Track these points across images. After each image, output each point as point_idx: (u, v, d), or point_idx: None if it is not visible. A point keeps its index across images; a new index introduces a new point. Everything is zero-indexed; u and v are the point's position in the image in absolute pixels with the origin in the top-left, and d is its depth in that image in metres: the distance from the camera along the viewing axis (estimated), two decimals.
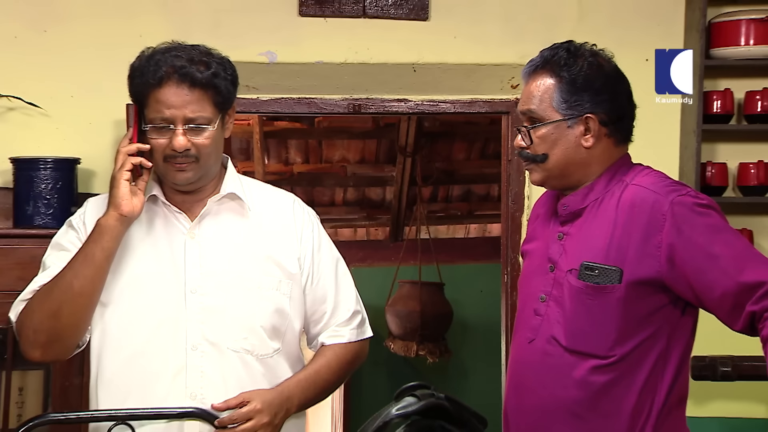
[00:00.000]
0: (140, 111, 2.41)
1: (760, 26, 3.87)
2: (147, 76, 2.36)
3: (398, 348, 7.21)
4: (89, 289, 2.38)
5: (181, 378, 2.41)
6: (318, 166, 7.59)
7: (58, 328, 2.38)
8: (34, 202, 3.56)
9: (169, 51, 2.39)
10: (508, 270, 4.11)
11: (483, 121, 7.02)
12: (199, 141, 2.38)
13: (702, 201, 2.32)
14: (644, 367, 2.33)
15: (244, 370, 2.44)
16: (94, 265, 2.36)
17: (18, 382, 3.61)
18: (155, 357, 2.42)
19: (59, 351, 2.45)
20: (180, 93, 2.35)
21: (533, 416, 2.43)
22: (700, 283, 2.26)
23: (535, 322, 2.44)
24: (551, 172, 2.44)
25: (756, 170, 3.97)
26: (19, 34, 3.77)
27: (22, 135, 3.73)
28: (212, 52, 2.44)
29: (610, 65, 2.45)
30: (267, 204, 2.57)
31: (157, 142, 2.38)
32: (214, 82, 2.37)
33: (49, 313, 2.37)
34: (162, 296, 2.44)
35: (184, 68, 2.35)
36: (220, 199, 2.50)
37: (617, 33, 3.85)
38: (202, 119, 2.37)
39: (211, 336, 2.43)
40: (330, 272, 2.57)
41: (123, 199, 2.37)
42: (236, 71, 2.48)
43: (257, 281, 2.47)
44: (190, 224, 2.48)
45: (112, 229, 2.37)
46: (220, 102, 2.40)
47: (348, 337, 2.56)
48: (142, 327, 2.43)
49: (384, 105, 4.09)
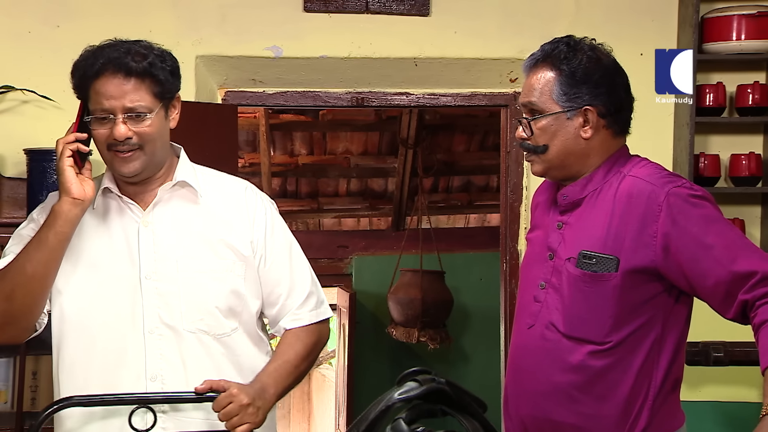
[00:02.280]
0: (85, 105, 2.40)
1: (752, 22, 3.88)
2: (85, 69, 2.37)
3: (400, 334, 7.21)
4: (41, 272, 2.39)
5: (140, 361, 2.44)
6: (322, 157, 7.58)
7: (11, 310, 2.40)
8: (47, 192, 3.46)
9: (109, 46, 2.40)
10: (507, 258, 4.13)
11: (482, 113, 7.02)
12: (140, 129, 2.37)
13: (696, 192, 2.35)
14: (640, 353, 2.35)
15: (202, 349, 2.47)
16: (47, 249, 2.37)
17: (31, 367, 3.63)
18: (114, 342, 2.44)
19: (13, 333, 2.48)
20: (117, 83, 2.34)
21: (532, 399, 2.46)
22: (693, 272, 2.29)
23: (535, 309, 2.47)
24: (551, 162, 2.45)
25: (747, 161, 3.98)
26: (32, 29, 3.81)
27: (36, 127, 3.76)
28: (153, 46, 2.44)
29: (609, 59, 2.46)
30: (218, 190, 2.57)
31: (99, 133, 2.38)
32: (151, 71, 2.37)
33: (2, 296, 2.38)
34: (118, 283, 2.46)
35: (120, 59, 2.34)
36: (171, 186, 2.50)
37: (613, 28, 3.88)
38: (141, 108, 2.36)
39: (167, 319, 2.45)
40: (284, 255, 2.58)
41: (70, 183, 2.37)
42: (177, 63, 2.47)
43: (210, 264, 2.48)
44: (143, 213, 2.49)
45: (66, 213, 2.37)
46: (159, 91, 2.39)
47: (308, 319, 2.58)
48: (100, 313, 2.45)
49: (386, 98, 4.12)
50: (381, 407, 1.73)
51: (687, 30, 3.90)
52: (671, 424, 2.43)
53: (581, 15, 3.97)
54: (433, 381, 1.75)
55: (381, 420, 1.75)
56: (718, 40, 3.93)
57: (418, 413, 1.76)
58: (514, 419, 2.52)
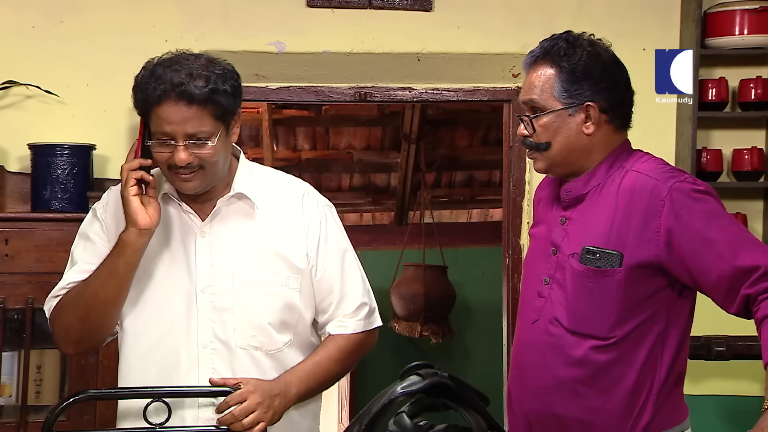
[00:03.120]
0: (146, 123, 2.39)
1: (754, 16, 3.88)
2: (147, 92, 2.34)
3: (403, 329, 7.24)
4: (114, 298, 2.43)
5: (194, 374, 2.45)
6: (325, 152, 7.58)
7: (86, 329, 2.46)
8: (51, 187, 3.61)
9: (170, 65, 2.35)
10: (509, 253, 4.13)
11: (485, 108, 7.02)
12: (202, 153, 2.36)
13: (699, 187, 2.35)
14: (644, 347, 2.36)
15: (252, 365, 2.47)
16: (119, 278, 2.40)
17: (36, 361, 3.62)
18: (169, 353, 2.46)
19: (90, 345, 2.58)
20: (179, 110, 2.32)
21: (536, 395, 2.46)
22: (696, 266, 2.29)
23: (539, 304, 2.47)
24: (554, 159, 2.46)
25: (749, 156, 3.98)
26: (36, 24, 3.81)
27: (40, 122, 3.77)
28: (215, 62, 2.41)
29: (608, 54, 2.46)
30: (276, 200, 2.55)
31: (160, 155, 2.37)
32: (213, 97, 2.34)
33: (78, 317, 2.44)
34: (175, 294, 2.47)
35: (182, 85, 2.31)
36: (228, 199, 2.49)
37: (615, 23, 3.88)
38: (202, 134, 2.34)
39: (220, 334, 2.46)
40: (335, 265, 2.55)
41: (137, 214, 2.37)
42: (239, 79, 2.44)
43: (264, 279, 2.48)
44: (201, 223, 2.49)
45: (134, 244, 2.38)
46: (221, 114, 2.37)
47: (353, 328, 2.54)
48: (157, 324, 2.47)
49: (389, 93, 4.11)
50: (384, 401, 1.74)
51: (689, 25, 3.90)
52: (675, 417, 2.44)
53: (584, 10, 3.97)
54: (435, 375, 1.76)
55: (384, 414, 1.76)
56: (721, 35, 3.93)
57: (420, 407, 1.77)
58: (518, 414, 2.53)
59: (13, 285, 3.50)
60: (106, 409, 3.41)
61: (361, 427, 1.76)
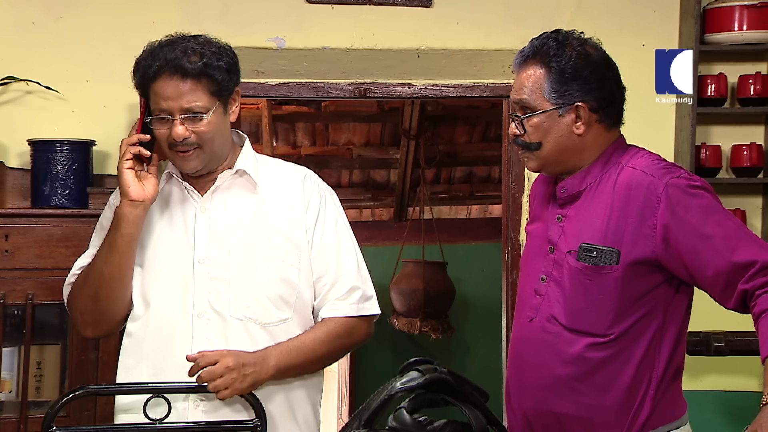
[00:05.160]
0: (147, 104, 2.47)
1: (754, 12, 3.87)
2: (144, 70, 2.44)
3: (402, 325, 7.24)
4: (118, 273, 2.49)
5: (187, 344, 2.49)
6: (325, 148, 7.60)
7: (99, 309, 2.52)
8: (51, 183, 3.60)
9: (168, 44, 2.45)
10: (509, 249, 4.12)
11: (484, 105, 7.04)
12: (198, 129, 2.44)
13: (695, 182, 2.35)
14: (641, 344, 2.36)
15: (247, 337, 2.50)
16: (119, 252, 2.48)
17: (36, 356, 3.62)
18: (165, 323, 2.52)
19: (107, 328, 2.61)
20: (173, 84, 2.41)
21: (534, 392, 2.46)
22: (694, 262, 2.29)
23: (536, 302, 2.47)
24: (546, 159, 2.46)
25: (749, 152, 3.97)
26: (36, 20, 3.80)
27: (40, 118, 3.77)
28: (212, 42, 2.50)
29: (598, 53, 2.45)
30: (278, 179, 2.61)
31: (159, 132, 2.46)
32: (207, 71, 2.42)
33: (88, 297, 2.52)
34: (173, 266, 2.53)
35: (176, 60, 2.40)
36: (231, 175, 2.56)
37: (614, 19, 3.89)
38: (197, 108, 2.42)
39: (216, 304, 2.50)
40: (331, 245, 2.59)
41: (129, 186, 2.45)
42: (235, 58, 2.52)
43: (262, 252, 2.52)
44: (201, 198, 2.56)
45: (127, 216, 2.46)
46: (216, 90, 2.44)
47: (344, 311, 2.56)
48: (155, 296, 2.53)
49: (388, 89, 4.10)
50: (383, 397, 1.74)
51: (689, 21, 3.90)
52: (674, 412, 2.44)
53: (583, 6, 3.97)
54: (435, 371, 1.76)
55: (383, 409, 1.76)
56: (720, 31, 3.92)
57: (420, 403, 1.78)
58: (517, 412, 2.53)
59: (13, 281, 3.50)
60: (105, 405, 3.42)
61: (361, 423, 1.77)
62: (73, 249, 3.51)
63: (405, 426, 1.74)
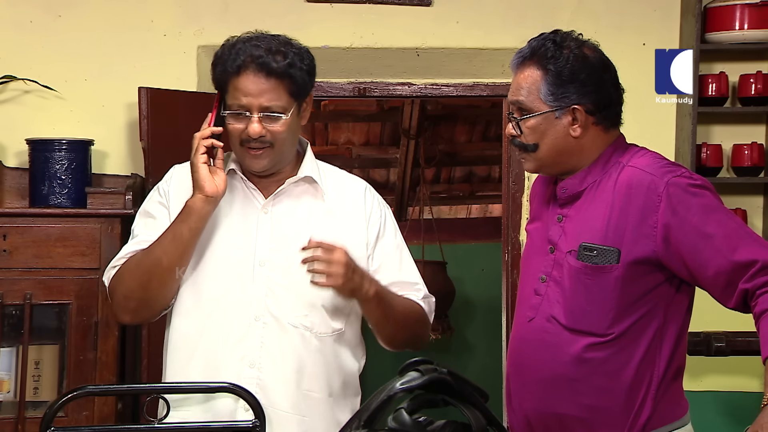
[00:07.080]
0: (222, 97, 2.46)
1: (755, 11, 3.89)
2: (227, 65, 2.43)
3: None
4: (177, 265, 2.47)
5: (241, 346, 2.47)
6: (324, 148, 7.58)
7: (146, 297, 2.48)
8: (50, 182, 3.62)
9: (249, 41, 2.45)
10: (509, 249, 4.14)
11: (484, 104, 7.02)
12: (274, 128, 2.44)
13: (696, 181, 2.34)
14: (642, 343, 2.35)
15: (302, 344, 2.49)
16: (182, 244, 2.45)
17: (34, 356, 3.62)
18: (220, 324, 2.49)
19: (147, 315, 2.57)
20: (257, 81, 2.41)
21: (535, 393, 2.45)
22: (694, 261, 2.28)
23: (535, 302, 2.46)
24: (543, 161, 2.45)
25: (749, 151, 3.99)
26: (34, 18, 3.82)
27: (38, 117, 3.79)
28: (292, 42, 2.50)
29: (596, 55, 2.44)
30: (341, 189, 2.61)
31: (233, 127, 2.45)
32: (290, 72, 2.42)
33: (138, 283, 2.47)
34: (232, 266, 2.50)
35: (262, 57, 2.40)
36: (297, 181, 2.55)
37: (615, 18, 3.91)
38: (277, 107, 2.43)
39: (274, 309, 2.48)
40: (394, 258, 2.60)
41: (204, 181, 2.43)
42: (314, 61, 2.53)
43: None
44: (265, 201, 2.54)
45: (199, 210, 2.44)
46: (295, 91, 2.45)
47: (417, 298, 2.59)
48: (211, 294, 2.50)
49: (388, 88, 4.12)
50: (383, 397, 1.73)
51: (690, 20, 3.91)
52: (675, 412, 2.43)
53: (583, 5, 3.98)
54: (435, 371, 1.75)
55: (383, 410, 1.75)
56: (721, 30, 3.94)
57: (420, 403, 1.77)
58: (518, 413, 2.52)
59: (12, 280, 3.51)
60: (104, 405, 3.42)
61: (360, 423, 1.76)
62: (71, 248, 3.52)
63: (405, 426, 1.73)
